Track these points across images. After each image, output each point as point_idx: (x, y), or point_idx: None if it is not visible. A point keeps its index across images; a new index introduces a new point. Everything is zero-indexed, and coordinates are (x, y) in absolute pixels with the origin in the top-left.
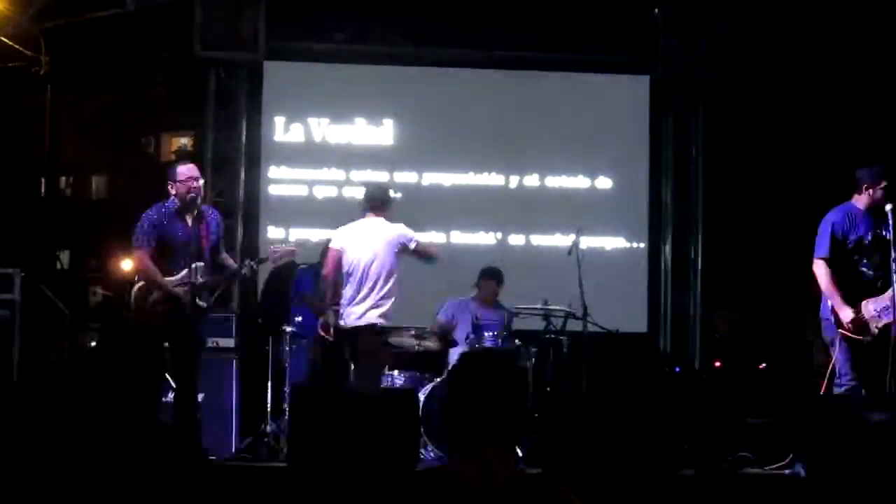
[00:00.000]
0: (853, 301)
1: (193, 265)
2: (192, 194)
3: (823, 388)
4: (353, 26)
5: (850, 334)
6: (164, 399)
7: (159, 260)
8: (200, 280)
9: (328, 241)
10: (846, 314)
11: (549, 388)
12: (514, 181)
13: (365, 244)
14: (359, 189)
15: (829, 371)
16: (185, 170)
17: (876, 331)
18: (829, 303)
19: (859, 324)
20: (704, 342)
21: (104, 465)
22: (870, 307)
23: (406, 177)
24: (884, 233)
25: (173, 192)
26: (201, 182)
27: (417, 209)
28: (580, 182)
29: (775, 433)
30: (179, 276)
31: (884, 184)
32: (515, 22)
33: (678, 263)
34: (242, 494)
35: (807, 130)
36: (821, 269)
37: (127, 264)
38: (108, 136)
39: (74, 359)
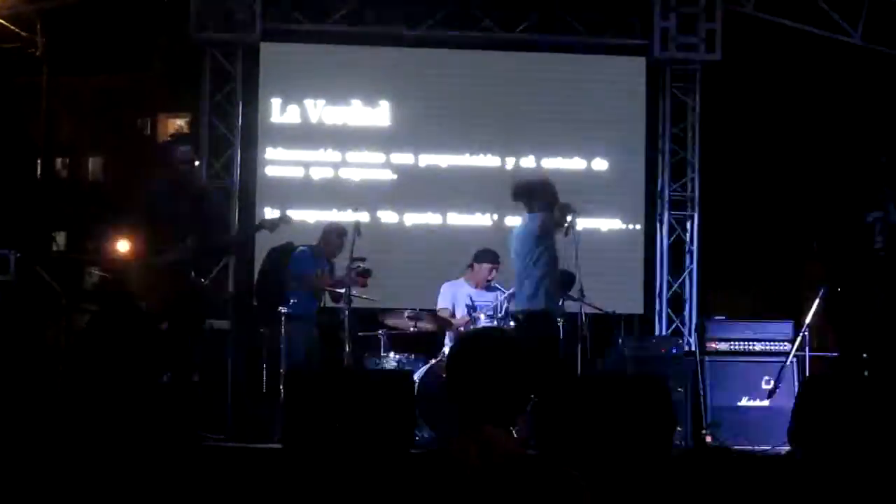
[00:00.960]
0: None
1: (188, 239)
2: (185, 176)
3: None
4: (349, 7)
5: None
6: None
7: (153, 238)
8: (192, 250)
9: None
10: None
11: (545, 370)
12: (510, 162)
13: None
14: (355, 170)
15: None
16: (180, 152)
17: None
18: None
19: None
20: (700, 324)
21: (100, 446)
22: None
23: (402, 158)
24: None
25: (166, 171)
26: (196, 165)
27: (414, 190)
28: (576, 163)
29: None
30: (172, 251)
31: None
32: (512, 3)
33: (674, 244)
34: (236, 475)
35: (803, 113)
36: None
37: (123, 245)
38: (104, 118)
39: (70, 340)
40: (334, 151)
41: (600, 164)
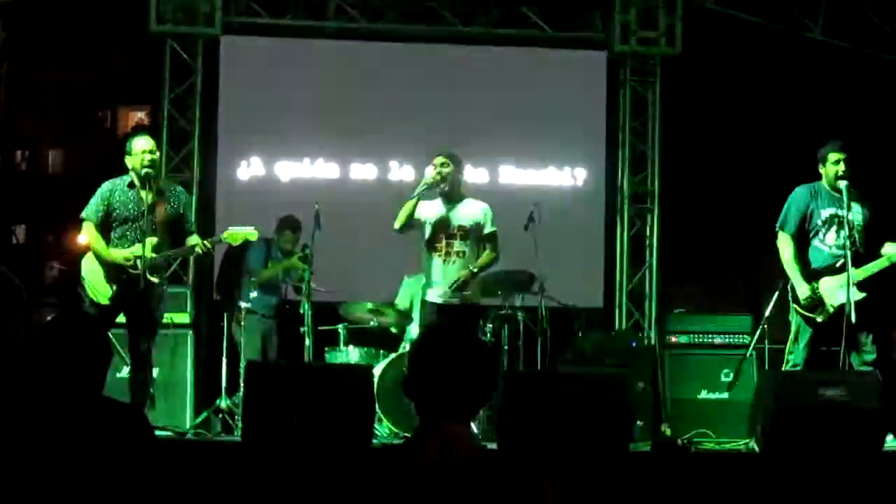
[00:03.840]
0: (814, 278)
1: (147, 240)
2: (147, 167)
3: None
4: (310, 1)
5: (804, 311)
6: (118, 375)
7: (111, 233)
8: (151, 255)
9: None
10: (802, 290)
11: (505, 364)
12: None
13: None
14: (316, 165)
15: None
16: (141, 143)
17: (832, 309)
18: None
19: (814, 301)
20: (660, 318)
21: (53, 443)
22: (827, 285)
23: (362, 158)
24: (842, 210)
25: (129, 165)
26: (156, 155)
27: (379, 191)
28: (536, 158)
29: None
30: (129, 250)
31: (835, 158)
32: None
33: (634, 238)
34: (196, 470)
35: (763, 108)
36: (781, 243)
37: (83, 238)
38: (64, 111)
39: (29, 334)
40: (295, 144)
41: (560, 159)
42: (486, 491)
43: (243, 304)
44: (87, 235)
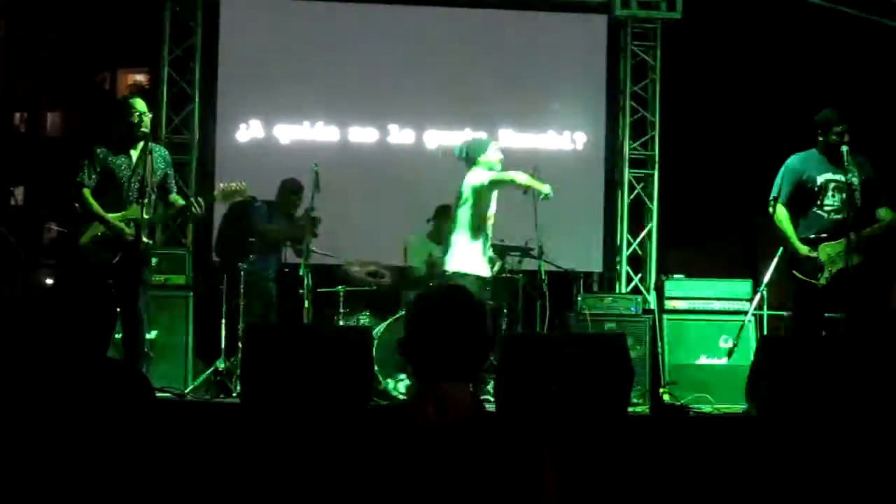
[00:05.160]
0: (813, 244)
1: (142, 202)
2: (143, 128)
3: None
4: None
5: (802, 276)
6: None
7: (103, 196)
8: (147, 216)
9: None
10: (802, 253)
11: (504, 328)
12: (468, 115)
13: None
14: (316, 127)
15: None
16: (136, 104)
17: (829, 275)
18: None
19: (813, 265)
20: (659, 283)
21: (55, 403)
22: (827, 251)
23: (362, 121)
24: (840, 175)
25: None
26: (149, 117)
27: (379, 154)
28: (537, 122)
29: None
30: (123, 213)
31: (835, 124)
32: None
33: (635, 203)
34: (195, 431)
35: (763, 72)
36: (776, 212)
37: (79, 204)
38: (63, 72)
39: (28, 295)
40: (295, 107)
41: (560, 123)
42: (482, 451)
43: (242, 267)
44: (85, 201)
